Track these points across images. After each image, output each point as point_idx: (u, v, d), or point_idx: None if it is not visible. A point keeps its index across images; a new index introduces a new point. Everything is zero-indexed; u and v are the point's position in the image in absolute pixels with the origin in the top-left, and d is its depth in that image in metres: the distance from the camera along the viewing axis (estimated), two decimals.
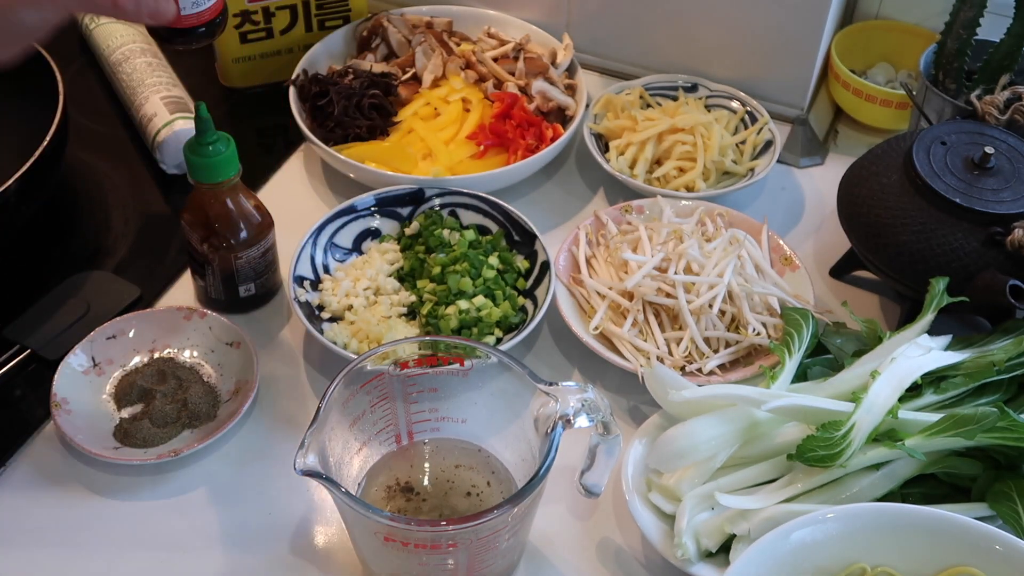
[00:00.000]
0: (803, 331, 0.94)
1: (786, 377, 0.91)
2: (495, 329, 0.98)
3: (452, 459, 0.87)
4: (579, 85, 1.22)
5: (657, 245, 1.02)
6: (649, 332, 0.98)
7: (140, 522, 0.88)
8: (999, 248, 0.93)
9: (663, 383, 0.88)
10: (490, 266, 1.01)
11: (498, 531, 0.75)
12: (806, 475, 0.83)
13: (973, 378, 0.88)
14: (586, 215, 1.14)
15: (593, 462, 0.82)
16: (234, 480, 0.91)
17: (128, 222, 1.13)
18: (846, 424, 0.82)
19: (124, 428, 0.93)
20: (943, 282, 0.93)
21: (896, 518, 0.74)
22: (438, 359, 0.83)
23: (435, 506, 0.84)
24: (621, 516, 0.89)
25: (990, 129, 1.01)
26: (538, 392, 0.78)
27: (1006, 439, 0.81)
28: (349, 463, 0.84)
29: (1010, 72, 1.09)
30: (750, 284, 1.00)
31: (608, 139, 1.19)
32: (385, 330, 0.97)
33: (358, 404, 0.82)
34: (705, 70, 1.25)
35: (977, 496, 0.84)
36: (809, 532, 0.74)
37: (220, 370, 0.98)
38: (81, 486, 0.90)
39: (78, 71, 1.29)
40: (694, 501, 0.83)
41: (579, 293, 1.03)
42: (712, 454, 0.85)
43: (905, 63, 1.26)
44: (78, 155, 1.17)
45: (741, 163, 1.17)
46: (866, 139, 1.24)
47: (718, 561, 0.83)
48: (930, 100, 1.12)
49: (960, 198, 0.95)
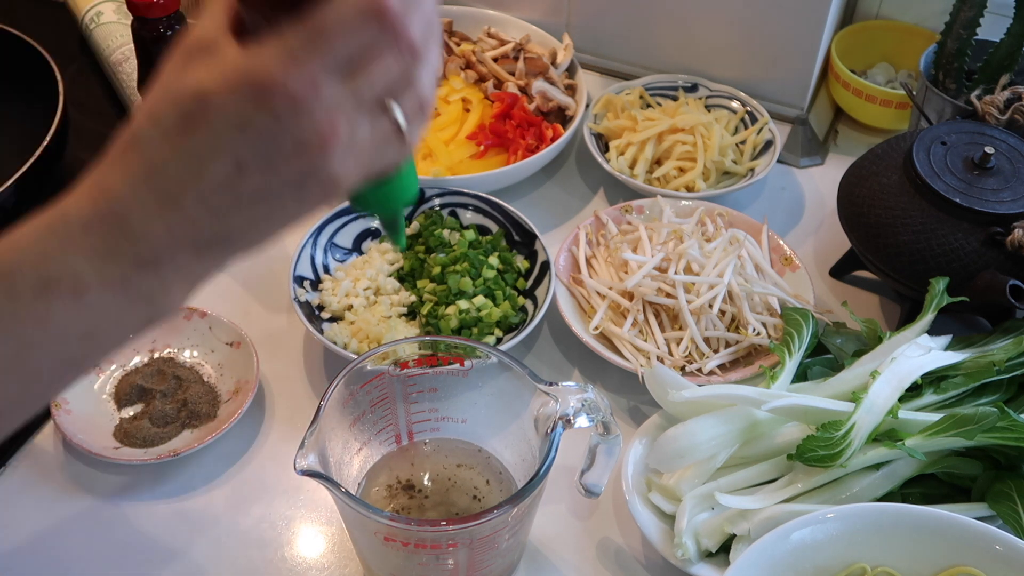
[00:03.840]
0: (803, 331, 0.94)
1: (786, 377, 0.91)
2: (495, 329, 0.98)
3: (453, 459, 0.87)
4: (579, 85, 1.22)
5: (657, 245, 1.02)
6: (649, 332, 0.98)
7: (140, 522, 0.88)
8: (999, 248, 0.93)
9: (663, 383, 0.88)
10: (490, 266, 1.01)
11: (498, 531, 0.75)
12: (806, 475, 0.83)
13: (973, 378, 0.88)
14: (586, 215, 1.14)
15: (593, 462, 0.82)
16: (234, 480, 0.91)
17: None
18: (846, 424, 0.82)
19: (124, 428, 0.93)
20: (943, 282, 0.93)
21: (896, 518, 0.74)
22: (438, 359, 0.83)
23: (437, 503, 0.84)
24: (621, 516, 0.89)
25: (990, 129, 1.01)
26: (538, 392, 0.78)
27: (1006, 439, 0.81)
28: (349, 463, 0.84)
29: (1010, 72, 1.09)
30: (750, 284, 1.00)
31: (608, 139, 1.19)
32: (385, 330, 0.97)
33: (358, 404, 0.82)
34: (705, 70, 1.25)
35: (977, 496, 0.84)
36: (809, 532, 0.74)
37: (220, 370, 0.98)
38: (81, 486, 0.90)
39: (78, 71, 1.29)
40: (694, 501, 0.83)
41: (579, 293, 1.03)
42: (712, 454, 0.85)
43: (905, 63, 1.26)
44: (78, 155, 1.17)
45: (741, 163, 1.17)
46: (866, 139, 1.24)
47: (718, 561, 0.83)
48: (930, 100, 1.12)
49: (960, 198, 0.95)
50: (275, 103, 0.50)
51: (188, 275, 0.55)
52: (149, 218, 0.53)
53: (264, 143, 0.51)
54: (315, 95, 0.50)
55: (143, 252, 0.53)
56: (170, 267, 0.54)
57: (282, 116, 0.50)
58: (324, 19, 0.50)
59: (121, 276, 0.54)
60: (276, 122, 0.50)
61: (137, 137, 0.54)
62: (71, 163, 1.14)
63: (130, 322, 0.56)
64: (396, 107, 0.53)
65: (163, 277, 0.54)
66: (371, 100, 0.52)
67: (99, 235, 0.53)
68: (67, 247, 0.54)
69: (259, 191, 0.52)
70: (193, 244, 0.54)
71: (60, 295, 0.53)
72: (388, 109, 0.53)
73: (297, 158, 0.51)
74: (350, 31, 0.50)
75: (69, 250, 0.53)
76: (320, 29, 0.50)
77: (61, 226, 0.54)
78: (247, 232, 0.54)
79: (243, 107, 0.50)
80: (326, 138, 0.51)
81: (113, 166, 0.54)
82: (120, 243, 0.53)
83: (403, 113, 0.53)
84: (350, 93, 0.51)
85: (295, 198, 0.53)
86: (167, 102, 0.52)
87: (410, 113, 0.54)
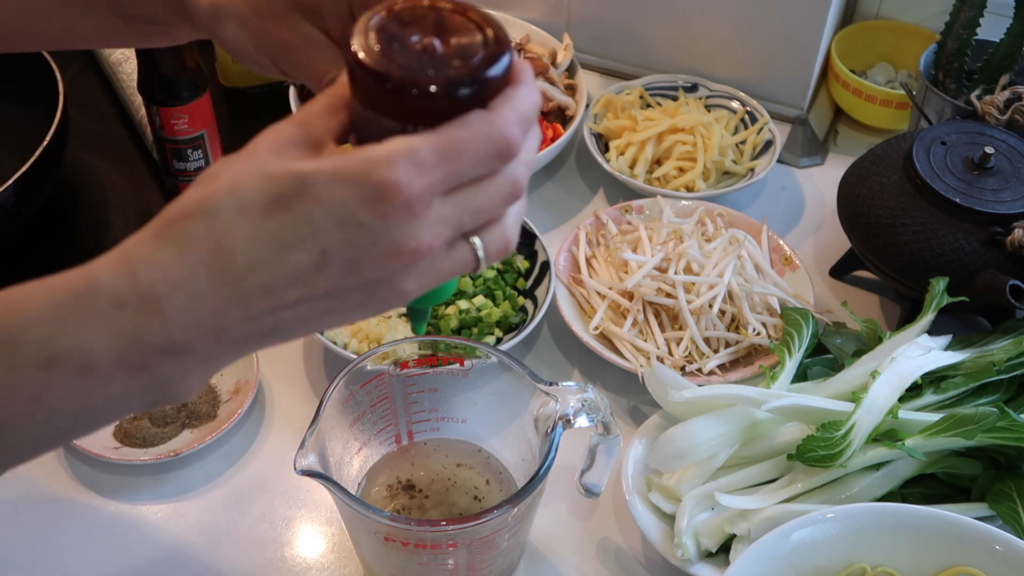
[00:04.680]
0: (803, 331, 0.94)
1: (786, 377, 0.91)
2: (495, 329, 0.98)
3: (453, 458, 0.87)
4: (579, 85, 1.22)
5: (657, 245, 1.02)
6: (649, 332, 0.98)
7: (140, 522, 0.88)
8: (999, 248, 0.93)
9: (663, 383, 0.88)
10: (490, 266, 1.01)
11: (498, 531, 0.75)
12: (806, 475, 0.83)
13: (973, 378, 0.88)
14: (586, 215, 1.14)
15: (593, 462, 0.82)
16: (234, 480, 0.91)
17: (128, 222, 1.13)
18: (846, 424, 0.82)
19: (124, 428, 0.93)
20: (943, 282, 0.93)
21: (896, 518, 0.74)
22: (438, 359, 0.83)
23: (437, 503, 0.84)
24: (621, 516, 0.89)
25: (990, 129, 1.01)
26: (538, 392, 0.78)
27: (1006, 439, 0.81)
28: (349, 463, 0.84)
29: (1010, 72, 1.09)
30: (750, 284, 1.00)
31: (608, 139, 1.19)
32: (385, 330, 0.97)
33: (358, 404, 0.82)
34: (705, 70, 1.25)
35: (977, 496, 0.84)
36: (809, 532, 0.74)
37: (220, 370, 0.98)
38: (81, 486, 0.90)
39: (78, 71, 1.29)
40: (694, 501, 0.83)
41: (579, 293, 1.03)
42: (712, 454, 0.85)
43: (905, 63, 1.26)
44: (78, 155, 1.17)
45: (741, 163, 1.17)
46: (866, 139, 1.24)
47: (718, 561, 0.83)
48: (930, 100, 1.12)
49: (960, 198, 0.95)
50: (389, 205, 0.46)
51: (212, 365, 0.50)
52: (198, 303, 0.47)
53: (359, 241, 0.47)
54: (428, 207, 0.47)
55: (176, 340, 0.48)
56: (197, 356, 0.49)
57: (391, 219, 0.47)
58: (455, 136, 0.47)
59: (141, 363, 0.48)
60: (382, 223, 0.47)
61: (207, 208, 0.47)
62: (71, 163, 1.14)
63: (131, 406, 0.51)
64: (479, 243, 0.51)
65: (185, 366, 0.49)
66: (466, 229, 0.50)
67: (130, 315, 0.48)
68: (88, 322, 0.48)
69: (329, 290, 0.48)
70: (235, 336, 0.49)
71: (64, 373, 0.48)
72: (472, 243, 0.51)
73: (383, 262, 0.48)
74: (476, 154, 0.48)
75: (90, 326, 0.48)
76: (450, 144, 0.47)
77: (87, 297, 0.48)
78: (294, 328, 0.50)
79: (350, 199, 0.46)
80: (420, 252, 0.48)
81: (165, 237, 0.48)
82: (153, 327, 0.48)
83: (484, 250, 0.51)
84: (454, 216, 0.49)
85: (357, 302, 0.49)
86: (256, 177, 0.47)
87: (491, 250, 0.51)
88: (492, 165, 0.49)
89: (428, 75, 0.48)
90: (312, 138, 0.49)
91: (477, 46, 0.49)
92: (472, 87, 0.48)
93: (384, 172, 0.46)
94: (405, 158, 0.47)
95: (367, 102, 0.49)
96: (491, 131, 0.48)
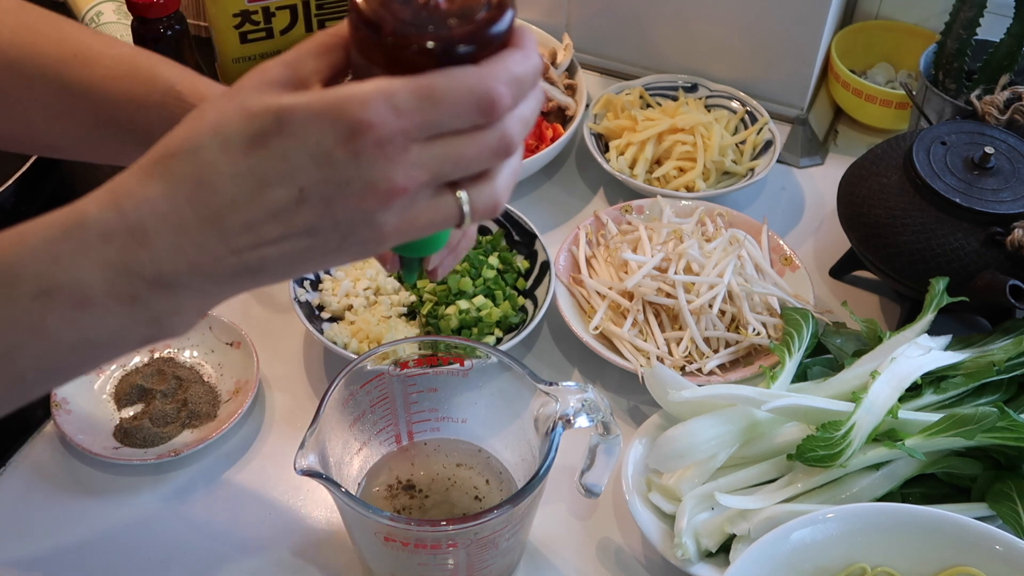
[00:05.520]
0: (803, 331, 0.94)
1: (786, 377, 0.91)
2: (495, 329, 0.98)
3: (453, 458, 0.87)
4: (579, 85, 1.22)
5: (657, 245, 1.02)
6: (649, 332, 0.98)
7: (140, 522, 0.88)
8: (999, 248, 0.93)
9: (663, 383, 0.88)
10: (490, 266, 1.01)
11: (498, 531, 0.75)
12: (806, 475, 0.83)
13: (973, 378, 0.88)
14: (586, 215, 1.14)
15: (593, 462, 0.82)
16: (234, 480, 0.91)
17: None
18: (846, 424, 0.82)
19: (124, 428, 0.93)
20: (943, 282, 0.93)
21: (896, 518, 0.74)
22: (438, 359, 0.83)
23: (437, 503, 0.84)
24: (621, 516, 0.89)
25: (990, 129, 1.01)
26: (538, 392, 0.78)
27: (1006, 439, 0.81)
28: (349, 463, 0.84)
29: (1010, 72, 1.09)
30: (750, 284, 1.00)
31: (608, 139, 1.19)
32: (385, 330, 0.97)
33: (358, 404, 0.82)
34: (705, 70, 1.25)
35: (977, 496, 0.84)
36: (809, 532, 0.74)
37: (220, 370, 0.98)
38: (81, 486, 0.90)
39: None
40: (694, 501, 0.83)
41: (579, 293, 1.03)
42: (712, 454, 0.85)
43: (905, 63, 1.26)
44: None
45: (741, 163, 1.17)
46: (866, 139, 1.24)
47: (718, 561, 0.83)
48: (930, 100, 1.12)
49: (960, 198, 0.95)
50: (361, 142, 0.47)
51: (203, 301, 0.52)
52: (183, 237, 0.49)
53: (334, 179, 0.48)
54: (403, 150, 0.48)
55: (165, 273, 0.50)
56: (188, 291, 0.51)
57: (363, 158, 0.48)
58: (436, 85, 0.48)
59: (132, 294, 0.50)
60: (354, 161, 0.48)
61: (191, 146, 0.49)
62: (71, 163, 1.14)
63: (129, 340, 0.53)
64: (465, 197, 0.51)
65: (177, 300, 0.51)
66: (447, 178, 0.50)
67: (119, 248, 0.50)
68: (79, 254, 0.50)
69: (308, 227, 0.50)
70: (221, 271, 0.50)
71: (60, 304, 0.50)
72: (457, 197, 0.51)
73: (358, 202, 0.49)
74: (457, 106, 0.48)
75: (81, 258, 0.50)
76: (429, 93, 0.48)
77: (77, 230, 0.50)
78: (278, 267, 0.51)
79: (325, 137, 0.48)
80: (394, 192, 0.49)
81: (151, 174, 0.50)
82: (141, 260, 0.50)
83: (471, 205, 0.51)
84: (432, 163, 0.49)
85: (336, 242, 0.50)
86: (238, 115, 0.49)
87: (478, 207, 0.52)
88: (474, 119, 0.49)
89: (427, 31, 0.49)
90: (298, 77, 0.50)
91: (479, 5, 0.50)
92: (470, 46, 0.49)
93: (358, 111, 0.47)
94: (381, 99, 0.48)
95: (365, 52, 0.51)
96: (476, 85, 0.49)
